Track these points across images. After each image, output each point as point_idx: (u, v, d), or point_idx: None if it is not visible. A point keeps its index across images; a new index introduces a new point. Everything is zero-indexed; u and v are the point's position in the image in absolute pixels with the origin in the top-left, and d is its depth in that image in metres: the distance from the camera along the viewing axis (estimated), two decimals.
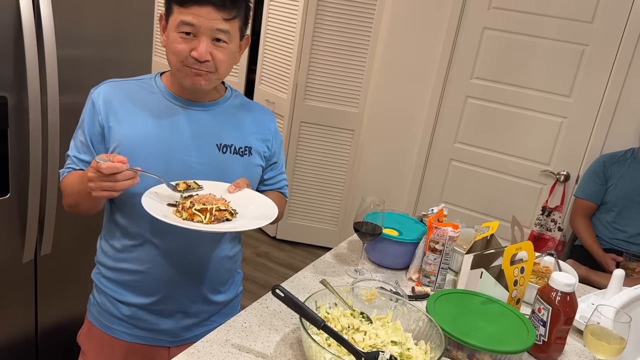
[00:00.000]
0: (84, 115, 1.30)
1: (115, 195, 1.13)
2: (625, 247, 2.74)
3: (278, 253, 3.78)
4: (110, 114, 1.26)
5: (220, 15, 1.18)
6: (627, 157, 2.78)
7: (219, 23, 1.19)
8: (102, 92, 1.28)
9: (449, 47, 3.20)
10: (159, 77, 1.34)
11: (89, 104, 1.28)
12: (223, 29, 1.20)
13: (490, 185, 3.29)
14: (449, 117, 3.32)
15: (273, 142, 1.44)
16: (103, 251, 1.40)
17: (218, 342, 1.17)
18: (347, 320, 1.18)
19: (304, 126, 3.64)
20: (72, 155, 1.31)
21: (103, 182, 1.10)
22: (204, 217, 1.18)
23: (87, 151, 1.28)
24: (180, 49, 1.20)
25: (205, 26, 1.18)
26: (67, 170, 1.31)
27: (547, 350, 1.27)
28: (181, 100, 1.30)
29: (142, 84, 1.32)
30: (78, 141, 1.30)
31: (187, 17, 1.18)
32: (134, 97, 1.29)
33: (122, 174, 1.10)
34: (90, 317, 1.43)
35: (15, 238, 1.83)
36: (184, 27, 1.18)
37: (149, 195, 1.20)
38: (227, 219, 1.21)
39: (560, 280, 1.25)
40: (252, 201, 1.29)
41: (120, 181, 1.10)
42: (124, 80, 1.32)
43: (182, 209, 1.20)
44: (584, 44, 2.88)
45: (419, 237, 1.61)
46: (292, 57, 3.52)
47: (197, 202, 1.20)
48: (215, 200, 1.22)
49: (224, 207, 1.21)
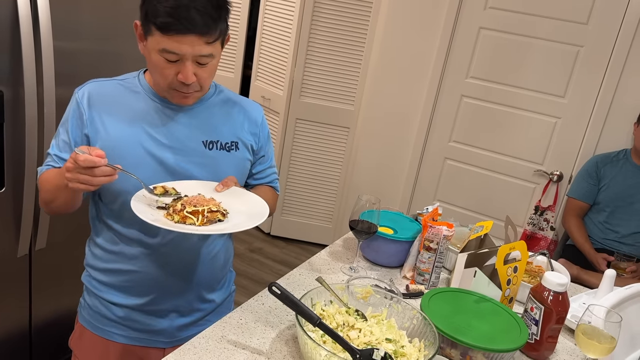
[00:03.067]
0: (67, 114, 1.28)
1: (92, 189, 1.12)
2: (617, 247, 2.76)
3: (272, 249, 3.79)
4: (94, 115, 1.25)
5: (203, 41, 1.16)
6: (620, 157, 2.80)
7: (202, 49, 1.17)
8: (87, 92, 1.26)
9: (445, 46, 3.21)
10: (142, 74, 1.32)
11: (73, 104, 1.27)
12: (206, 54, 1.18)
13: (483, 184, 3.31)
14: (444, 116, 3.33)
15: (260, 135, 1.43)
16: (92, 254, 1.38)
17: (214, 339, 1.18)
18: (342, 317, 1.19)
19: (299, 123, 3.64)
20: (52, 154, 1.28)
21: (80, 175, 1.09)
22: (196, 219, 1.18)
23: (69, 150, 1.26)
24: (166, 74, 1.20)
25: (189, 53, 1.16)
26: (47, 167, 1.29)
27: (539, 349, 1.29)
28: (165, 99, 1.29)
29: (126, 84, 1.30)
30: (60, 140, 1.28)
31: (170, 46, 1.15)
32: (118, 98, 1.28)
33: (100, 169, 1.09)
34: (82, 320, 1.42)
35: (10, 232, 1.82)
36: (169, 55, 1.16)
37: (137, 199, 1.19)
38: (219, 220, 1.21)
39: (552, 280, 1.27)
40: (242, 200, 1.29)
41: (98, 176, 1.09)
42: (107, 80, 1.31)
43: (173, 212, 1.19)
44: (578, 45, 2.90)
45: (413, 235, 1.62)
46: (289, 53, 3.52)
47: (188, 204, 1.19)
48: (205, 202, 1.21)
49: (215, 208, 1.21)
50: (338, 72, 3.52)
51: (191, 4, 1.12)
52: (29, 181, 1.77)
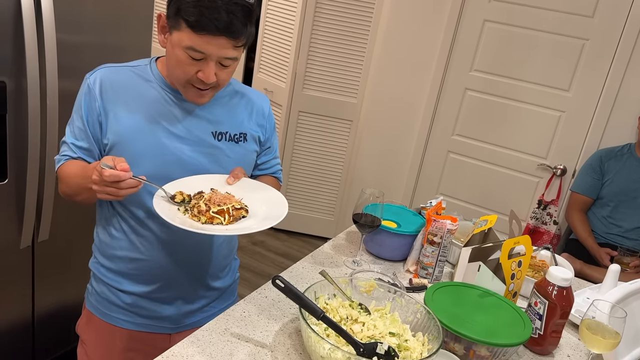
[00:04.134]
0: (80, 100, 1.27)
1: (119, 199, 1.15)
2: (620, 241, 2.76)
3: (274, 242, 3.79)
4: (106, 101, 1.25)
5: (231, 44, 1.17)
6: (624, 152, 2.79)
7: (229, 52, 1.18)
8: (99, 77, 1.26)
9: (449, 39, 3.19)
10: (154, 63, 1.32)
11: (85, 89, 1.27)
12: (231, 57, 1.19)
13: (487, 178, 3.30)
14: (448, 109, 3.32)
15: (267, 127, 1.43)
16: (100, 240, 1.39)
17: (217, 331, 1.18)
18: (345, 311, 1.19)
19: (302, 116, 3.63)
20: (69, 142, 1.29)
21: (107, 187, 1.11)
22: (223, 218, 1.19)
23: (85, 137, 1.27)
24: (187, 70, 1.20)
25: (215, 54, 1.17)
26: (65, 158, 1.29)
27: (543, 344, 1.29)
28: (176, 89, 1.29)
29: (138, 71, 1.30)
30: (75, 127, 1.28)
31: (198, 45, 1.15)
32: (129, 85, 1.27)
33: (126, 182, 1.11)
34: (89, 306, 1.43)
35: (13, 224, 1.82)
36: (195, 53, 1.17)
37: (158, 199, 1.20)
38: (243, 216, 1.22)
39: (557, 274, 1.26)
40: (258, 194, 1.29)
41: (124, 189, 1.11)
42: (119, 66, 1.30)
43: (198, 212, 1.20)
44: (584, 38, 2.88)
45: (417, 229, 1.61)
46: (292, 46, 3.50)
47: (212, 204, 1.20)
48: (227, 199, 1.21)
49: (239, 206, 1.21)
50: (341, 65, 3.50)
51: (226, 6, 1.13)
52: (31, 173, 1.77)
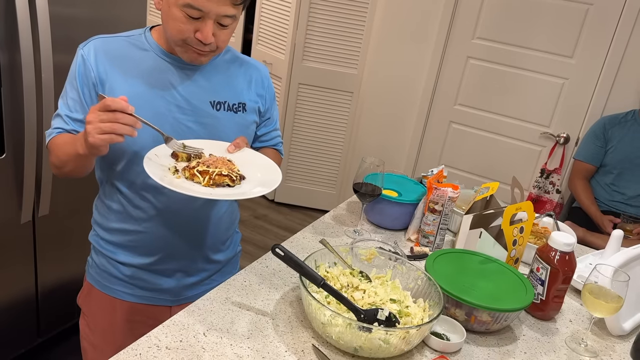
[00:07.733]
0: (73, 72, 1.24)
1: (113, 140, 1.07)
2: (623, 209, 2.75)
3: (276, 216, 3.79)
4: (101, 71, 1.22)
5: (230, 1, 1.14)
6: (628, 119, 2.76)
7: (228, 9, 1.15)
8: (93, 48, 1.23)
9: (451, 6, 3.13)
10: (149, 32, 1.29)
11: (79, 59, 1.23)
12: (230, 15, 1.16)
13: (489, 147, 3.28)
14: (450, 79, 3.27)
15: (266, 97, 1.41)
16: (99, 212, 1.38)
17: (218, 300, 1.18)
18: (346, 279, 1.19)
19: (302, 88, 3.59)
20: (63, 115, 1.25)
21: (102, 116, 1.05)
22: (203, 179, 1.16)
23: (80, 108, 1.23)
24: (184, 29, 1.16)
25: (214, 12, 1.14)
26: (57, 131, 1.25)
27: (545, 309, 1.28)
28: (173, 57, 1.26)
29: (133, 40, 1.27)
30: (69, 99, 1.25)
31: (196, 1, 1.12)
32: (125, 55, 1.25)
33: (124, 116, 1.05)
34: (90, 278, 1.43)
35: (13, 199, 1.82)
36: (192, 11, 1.14)
37: (150, 156, 1.17)
38: (229, 185, 1.18)
39: (559, 239, 1.25)
40: (255, 164, 1.27)
41: (121, 123, 1.05)
42: (113, 36, 1.27)
43: (185, 167, 1.18)
44: (588, 2, 2.82)
45: (418, 198, 1.60)
46: (290, 16, 3.44)
47: (202, 164, 1.18)
48: (222, 164, 1.19)
49: (225, 172, 1.18)
50: (341, 35, 3.44)
51: None
52: (29, 147, 1.76)
